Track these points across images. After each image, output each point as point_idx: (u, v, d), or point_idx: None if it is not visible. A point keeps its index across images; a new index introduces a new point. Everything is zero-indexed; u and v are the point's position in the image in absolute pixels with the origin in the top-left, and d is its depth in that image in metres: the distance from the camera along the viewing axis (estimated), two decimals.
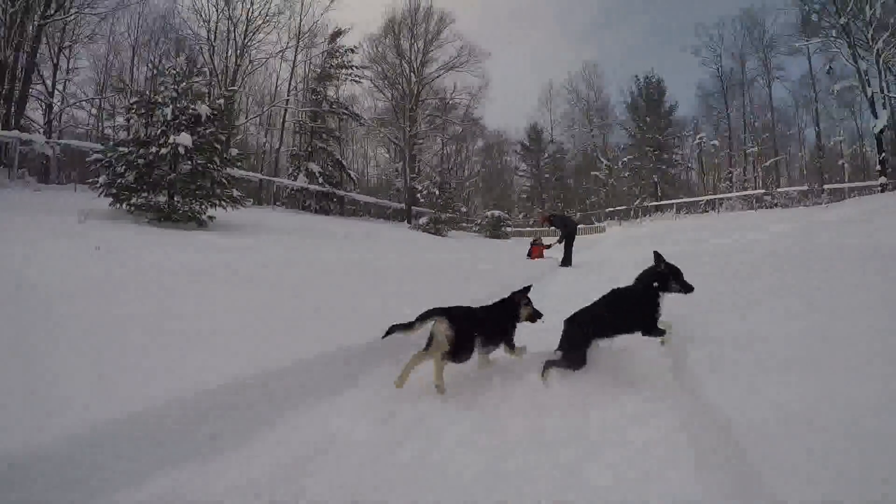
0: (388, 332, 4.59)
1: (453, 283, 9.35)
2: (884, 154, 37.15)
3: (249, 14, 40.99)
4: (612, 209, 53.04)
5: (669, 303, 4.87)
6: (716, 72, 60.80)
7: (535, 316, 5.24)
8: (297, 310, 6.11)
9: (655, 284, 4.86)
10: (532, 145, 67.58)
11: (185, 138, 15.65)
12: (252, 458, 3.20)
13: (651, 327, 4.76)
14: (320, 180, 35.96)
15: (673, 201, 49.14)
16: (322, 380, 4.32)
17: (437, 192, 38.24)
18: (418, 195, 41.12)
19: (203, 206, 16.90)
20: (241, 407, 3.61)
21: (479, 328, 4.72)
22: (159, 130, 16.25)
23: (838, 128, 54.33)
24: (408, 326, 4.54)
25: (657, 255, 4.96)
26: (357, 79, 44.94)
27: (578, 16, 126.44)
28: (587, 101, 66.98)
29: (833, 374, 3.19)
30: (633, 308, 4.82)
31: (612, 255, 20.97)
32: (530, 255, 19.56)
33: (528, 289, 5.32)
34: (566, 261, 16.75)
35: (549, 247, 18.60)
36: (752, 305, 5.92)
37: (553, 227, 18.42)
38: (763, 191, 44.59)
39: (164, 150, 15.58)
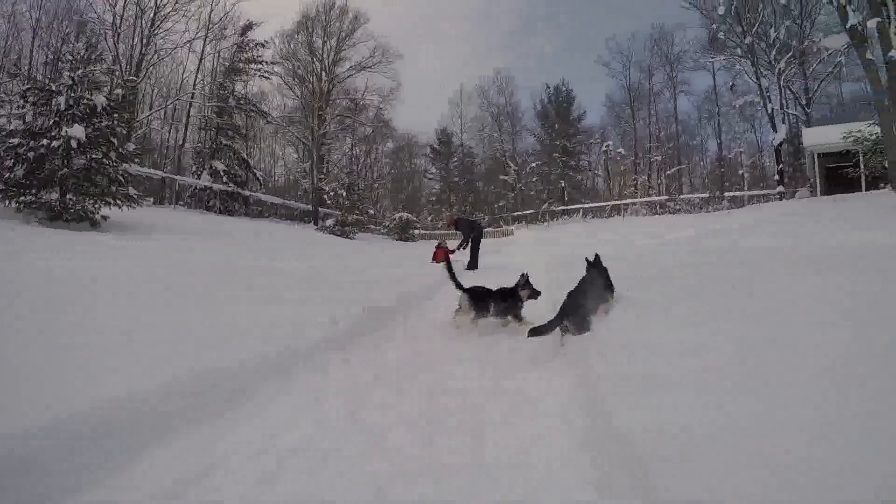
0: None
1: (355, 289, 9.11)
2: (782, 165, 39.83)
3: (158, 0, 38.62)
4: (520, 213, 53.57)
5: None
6: (624, 83, 62.97)
7: (534, 294, 7.20)
8: (181, 322, 5.49)
9: None
10: (442, 148, 67.77)
11: (77, 130, 14.88)
12: (115, 496, 2.83)
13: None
14: (224, 179, 34.60)
15: (580, 206, 49.99)
16: (201, 401, 3.85)
17: (345, 194, 37.49)
18: (325, 196, 40.05)
19: (97, 205, 15.95)
20: (103, 438, 3.12)
21: (490, 301, 7.07)
22: (52, 121, 15.46)
23: (739, 140, 56.81)
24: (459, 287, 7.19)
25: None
26: (267, 75, 43.68)
27: (496, 24, 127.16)
28: (498, 106, 67.81)
29: (743, 391, 3.08)
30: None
31: (518, 259, 21.04)
32: (435, 258, 19.26)
33: (526, 275, 7.29)
34: (472, 264, 16.53)
35: (453, 251, 18.26)
36: (660, 312, 5.89)
37: (458, 231, 18.04)
38: (666, 197, 46.05)
39: (55, 143, 14.84)
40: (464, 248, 17.03)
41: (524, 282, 7.16)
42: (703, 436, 2.61)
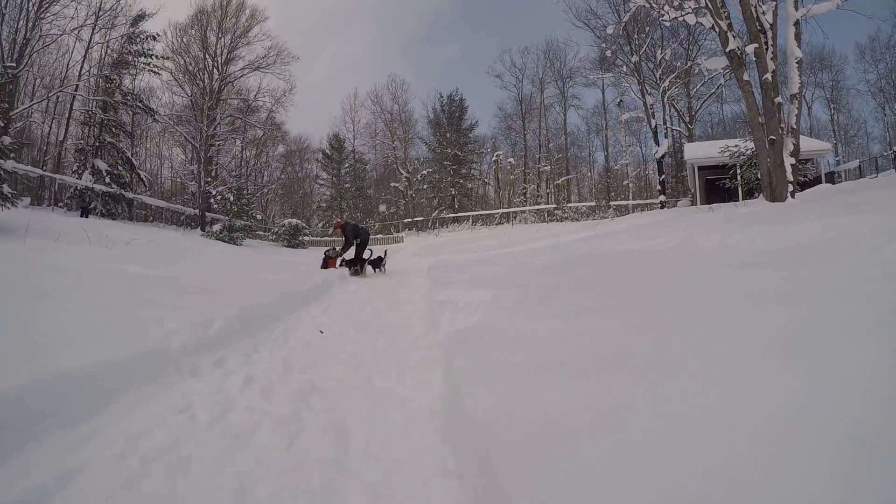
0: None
1: (235, 293, 9.00)
2: (664, 176, 41.69)
3: None
4: (410, 220, 53.65)
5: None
6: (516, 95, 64.24)
7: (373, 263, 16.19)
8: (42, 324, 4.96)
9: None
10: (334, 154, 67.15)
11: None
12: None
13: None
14: (107, 180, 32.20)
15: (469, 213, 50.43)
16: (63, 405, 3.64)
17: (233, 198, 36.13)
18: (213, 200, 39.13)
19: None
20: None
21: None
22: None
23: (625, 152, 58.46)
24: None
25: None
26: (156, 70, 40.11)
27: (396, 31, 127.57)
28: (391, 113, 67.69)
29: (591, 376, 3.29)
30: None
31: (407, 264, 21.28)
32: (325, 266, 19.09)
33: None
34: (358, 269, 16.64)
35: (341, 255, 18.13)
36: (522, 308, 6.12)
37: (343, 235, 17.79)
38: (554, 206, 47.04)
39: None
40: (346, 250, 17.20)
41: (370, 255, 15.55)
42: (542, 423, 2.76)
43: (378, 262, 17.34)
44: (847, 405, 2.35)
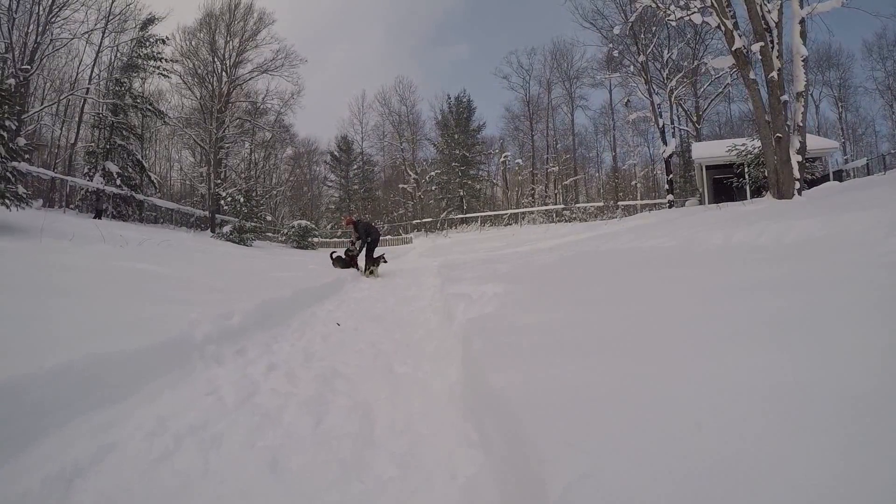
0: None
1: (250, 290, 9.12)
2: (671, 176, 41.38)
3: None
4: (419, 221, 53.58)
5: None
6: (523, 96, 64.16)
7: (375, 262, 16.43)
8: (70, 315, 5.10)
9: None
10: (342, 156, 67.15)
11: None
12: (17, 474, 2.81)
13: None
14: (118, 182, 31.98)
15: (478, 214, 50.15)
16: (96, 387, 3.75)
17: (243, 200, 36.13)
18: (222, 202, 38.53)
19: None
20: None
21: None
22: None
23: (633, 152, 58.43)
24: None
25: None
26: (165, 73, 39.94)
27: (403, 35, 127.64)
28: (399, 114, 67.70)
29: (601, 355, 3.43)
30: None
31: (417, 265, 21.39)
32: (348, 264, 18.86)
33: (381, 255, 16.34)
34: (373, 271, 16.65)
35: (359, 251, 18.00)
36: (531, 300, 6.28)
37: (355, 232, 17.65)
38: (562, 206, 46.95)
39: None
40: (359, 249, 17.15)
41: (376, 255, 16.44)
42: (560, 392, 2.91)
43: (377, 261, 16.94)
44: (845, 378, 2.46)
